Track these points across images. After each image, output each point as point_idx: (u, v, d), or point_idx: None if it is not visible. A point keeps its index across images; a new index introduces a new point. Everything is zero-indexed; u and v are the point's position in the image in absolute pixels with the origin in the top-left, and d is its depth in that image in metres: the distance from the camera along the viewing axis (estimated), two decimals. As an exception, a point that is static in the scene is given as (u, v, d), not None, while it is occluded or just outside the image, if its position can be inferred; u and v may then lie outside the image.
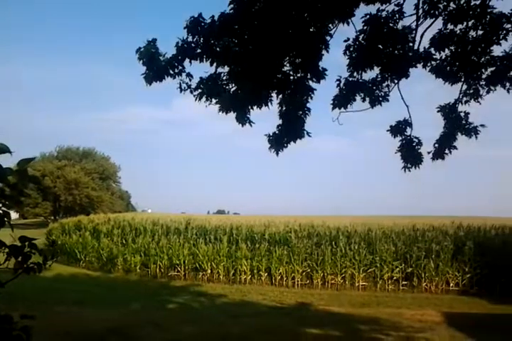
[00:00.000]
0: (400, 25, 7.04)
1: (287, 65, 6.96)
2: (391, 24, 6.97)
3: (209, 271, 18.07)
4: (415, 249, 16.76)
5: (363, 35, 6.99)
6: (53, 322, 7.67)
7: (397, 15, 6.96)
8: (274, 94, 7.11)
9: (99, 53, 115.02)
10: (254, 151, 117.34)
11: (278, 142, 7.46)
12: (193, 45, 6.57)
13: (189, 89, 6.85)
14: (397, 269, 16.53)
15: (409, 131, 7.84)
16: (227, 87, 6.96)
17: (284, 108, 7.39)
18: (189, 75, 6.82)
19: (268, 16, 6.19)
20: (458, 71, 7.53)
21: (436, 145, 7.92)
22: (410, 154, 7.72)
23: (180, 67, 6.71)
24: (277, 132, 7.52)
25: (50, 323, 7.20)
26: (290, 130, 7.42)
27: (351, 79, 7.46)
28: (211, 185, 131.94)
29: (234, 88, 6.99)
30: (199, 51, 6.57)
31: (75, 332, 7.40)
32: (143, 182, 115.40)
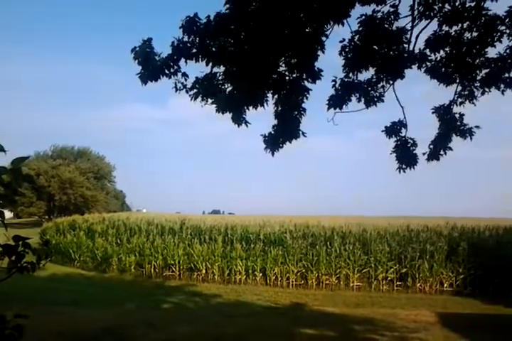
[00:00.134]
0: (395, 26, 7.08)
1: (283, 66, 6.97)
2: (386, 25, 6.99)
3: (204, 271, 18.06)
4: (410, 250, 16.84)
5: (359, 35, 7.00)
6: (47, 322, 7.63)
7: (392, 16, 6.99)
8: (270, 95, 7.12)
9: (94, 52, 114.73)
10: (249, 151, 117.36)
11: (273, 142, 7.47)
12: (189, 45, 6.56)
13: (185, 88, 6.84)
14: (391, 270, 16.59)
15: (404, 132, 7.86)
16: (222, 87, 6.96)
17: (280, 108, 7.39)
18: (185, 75, 6.81)
19: (264, 16, 6.19)
20: (453, 72, 7.56)
21: (431, 146, 7.94)
22: (405, 155, 7.74)
23: (175, 67, 6.70)
24: (273, 132, 7.52)
25: (44, 323, 7.16)
26: (285, 130, 7.43)
27: (347, 79, 7.47)
28: (206, 185, 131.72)
29: (230, 88, 6.99)
30: (195, 51, 6.57)
31: (69, 332, 7.36)
32: (138, 181, 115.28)
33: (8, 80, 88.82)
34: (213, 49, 6.48)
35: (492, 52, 7.32)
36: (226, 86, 6.97)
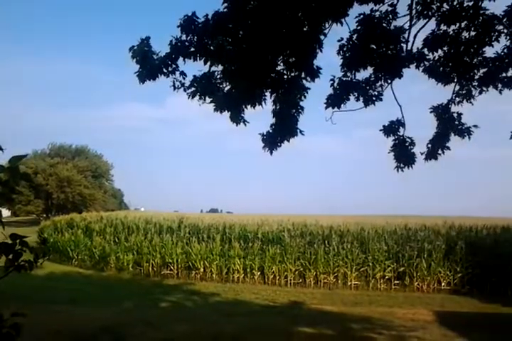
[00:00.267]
0: (393, 25, 7.07)
1: (281, 64, 6.96)
2: (384, 24, 6.99)
3: (202, 270, 18.08)
4: (407, 249, 16.87)
5: (357, 35, 7.00)
6: (45, 320, 7.63)
7: (390, 15, 6.98)
8: (268, 93, 7.11)
9: (93, 52, 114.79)
10: (247, 150, 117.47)
11: (272, 141, 7.47)
12: (187, 44, 6.55)
13: (182, 87, 6.83)
14: (389, 268, 16.62)
15: (402, 131, 7.86)
16: (221, 86, 6.95)
17: (278, 107, 7.39)
18: (183, 74, 6.79)
19: (262, 15, 6.18)
20: (451, 72, 7.57)
21: (429, 145, 7.95)
22: (403, 154, 7.74)
23: (173, 66, 6.67)
24: (271, 131, 7.52)
25: (42, 322, 7.17)
26: (284, 129, 7.43)
27: (345, 78, 7.47)
28: (204, 184, 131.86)
29: (228, 87, 6.97)
30: (193, 50, 6.55)
31: (67, 331, 7.36)
32: (136, 180, 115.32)
33: (8, 80, 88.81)
34: (211, 48, 6.47)
35: (490, 51, 7.33)
36: (224, 85, 6.95)
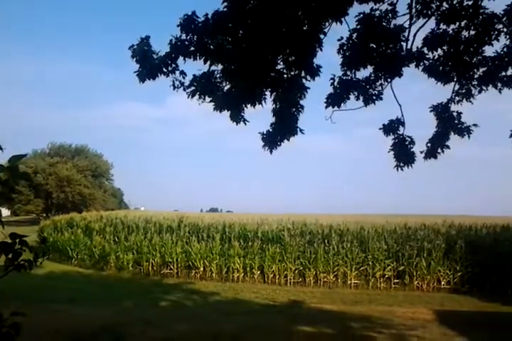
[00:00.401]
0: (393, 24, 7.07)
1: (281, 63, 6.96)
2: (384, 23, 6.99)
3: (202, 269, 18.08)
4: (407, 248, 16.87)
5: (357, 34, 7.00)
6: (45, 320, 7.63)
7: (390, 14, 6.98)
8: (268, 92, 7.11)
9: (92, 52, 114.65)
10: (247, 150, 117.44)
11: (272, 140, 7.47)
12: (187, 43, 6.55)
13: (182, 86, 6.83)
14: (389, 267, 16.63)
15: (401, 130, 7.87)
16: (220, 85, 6.95)
17: (278, 106, 7.39)
18: (182, 73, 6.79)
19: (262, 14, 6.18)
20: (450, 71, 7.57)
21: (428, 144, 7.96)
22: (403, 153, 7.74)
23: (173, 65, 6.68)
24: (271, 130, 7.53)
25: (42, 321, 7.16)
26: (284, 127, 7.43)
27: (345, 77, 7.47)
28: (204, 183, 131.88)
29: (228, 86, 6.98)
30: (193, 49, 6.55)
31: (67, 330, 7.35)
32: (136, 179, 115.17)
33: (8, 79, 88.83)
34: (211, 47, 6.47)
35: (489, 50, 7.34)
36: (224, 84, 6.95)
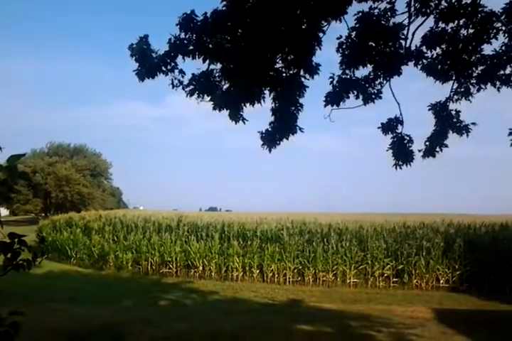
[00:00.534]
0: (392, 23, 7.06)
1: (280, 62, 6.96)
2: (383, 22, 6.99)
3: (201, 268, 18.08)
4: (406, 246, 16.88)
5: (356, 32, 6.99)
6: (44, 319, 7.63)
7: (389, 12, 6.98)
8: (267, 91, 7.11)
9: (92, 51, 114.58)
10: (246, 149, 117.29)
11: (271, 139, 7.47)
12: (186, 42, 6.55)
13: (181, 85, 6.84)
14: (388, 266, 16.65)
15: (400, 129, 7.86)
16: (219, 84, 6.95)
17: (277, 104, 7.39)
18: (181, 72, 6.80)
19: (261, 13, 6.17)
20: (449, 69, 7.57)
21: (427, 143, 7.96)
22: (401, 152, 7.74)
23: (172, 64, 6.69)
24: (270, 129, 7.52)
25: (41, 321, 7.16)
26: (283, 126, 7.42)
27: (344, 76, 7.46)
28: (203, 182, 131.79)
29: (227, 85, 6.98)
30: (192, 48, 6.55)
31: (66, 330, 7.35)
32: (135, 179, 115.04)
33: (8, 79, 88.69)
34: (210, 46, 6.47)
35: (488, 49, 7.34)
36: (223, 83, 6.96)
